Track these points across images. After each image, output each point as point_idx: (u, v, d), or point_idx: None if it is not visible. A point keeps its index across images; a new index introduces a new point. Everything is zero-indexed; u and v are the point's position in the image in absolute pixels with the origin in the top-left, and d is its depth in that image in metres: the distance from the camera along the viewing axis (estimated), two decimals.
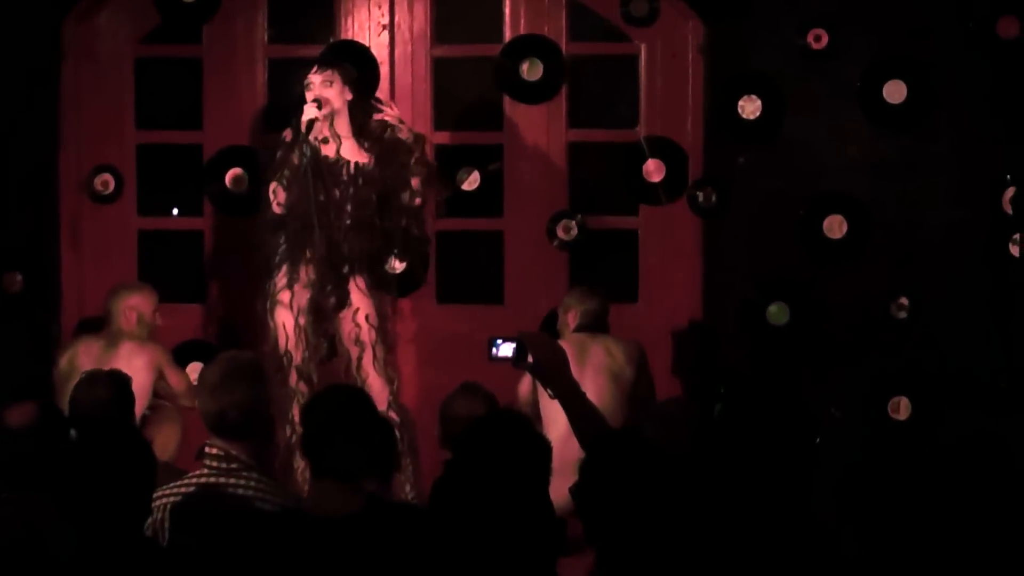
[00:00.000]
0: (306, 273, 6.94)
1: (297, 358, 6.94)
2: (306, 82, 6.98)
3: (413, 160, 7.13)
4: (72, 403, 5.74)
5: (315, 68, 7.01)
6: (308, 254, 6.92)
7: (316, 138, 6.88)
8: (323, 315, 7.01)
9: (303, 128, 6.84)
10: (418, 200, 7.16)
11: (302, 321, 6.95)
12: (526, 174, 8.01)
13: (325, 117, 6.92)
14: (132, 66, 8.13)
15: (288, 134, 7.06)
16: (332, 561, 4.10)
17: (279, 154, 7.03)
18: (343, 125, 7.05)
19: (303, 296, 6.97)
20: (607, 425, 4.37)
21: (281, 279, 6.97)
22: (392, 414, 6.89)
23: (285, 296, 6.96)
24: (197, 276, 8.12)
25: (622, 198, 7.99)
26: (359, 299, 7.03)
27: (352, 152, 7.05)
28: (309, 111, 6.85)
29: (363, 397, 4.55)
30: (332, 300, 7.00)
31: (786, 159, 7.66)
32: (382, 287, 7.14)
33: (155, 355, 7.24)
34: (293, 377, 6.92)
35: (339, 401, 4.44)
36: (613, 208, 8.06)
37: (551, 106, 7.96)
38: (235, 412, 4.70)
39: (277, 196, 6.96)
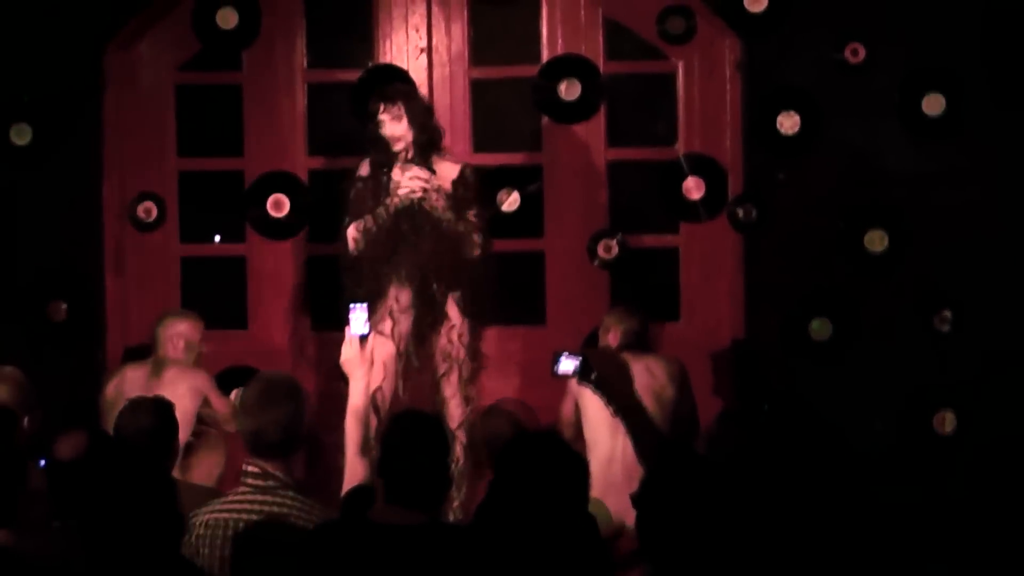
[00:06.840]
0: (398, 299, 6.85)
1: (387, 390, 6.69)
2: (378, 120, 6.88)
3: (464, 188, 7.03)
4: (116, 431, 5.77)
5: (382, 106, 6.88)
6: (395, 286, 6.82)
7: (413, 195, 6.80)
8: (424, 338, 6.92)
9: (410, 202, 6.77)
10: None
11: (402, 347, 6.87)
12: (566, 194, 8.02)
13: (401, 152, 6.84)
14: (173, 93, 8.16)
15: (365, 168, 6.97)
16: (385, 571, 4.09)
17: (355, 192, 6.94)
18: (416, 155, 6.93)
19: (405, 322, 6.89)
20: (667, 441, 4.36)
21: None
22: (461, 434, 6.81)
23: (386, 326, 6.83)
24: (240, 302, 8.16)
25: (662, 216, 8.00)
26: (456, 315, 6.92)
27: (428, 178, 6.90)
28: (413, 183, 6.75)
29: (436, 425, 4.56)
30: (430, 319, 6.90)
31: (825, 173, 7.64)
32: (476, 308, 7.00)
33: (199, 381, 7.23)
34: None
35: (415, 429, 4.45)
36: (653, 226, 8.06)
37: (590, 125, 7.97)
38: (272, 431, 4.77)
39: (359, 244, 6.88)
